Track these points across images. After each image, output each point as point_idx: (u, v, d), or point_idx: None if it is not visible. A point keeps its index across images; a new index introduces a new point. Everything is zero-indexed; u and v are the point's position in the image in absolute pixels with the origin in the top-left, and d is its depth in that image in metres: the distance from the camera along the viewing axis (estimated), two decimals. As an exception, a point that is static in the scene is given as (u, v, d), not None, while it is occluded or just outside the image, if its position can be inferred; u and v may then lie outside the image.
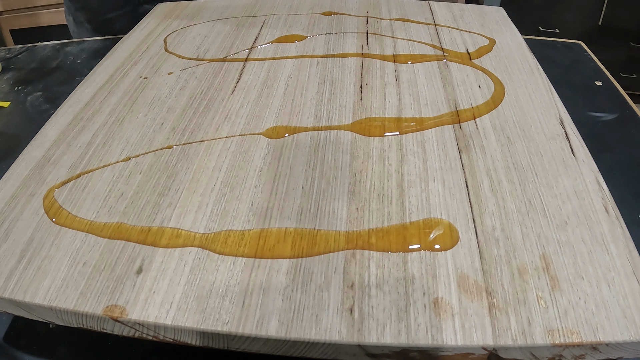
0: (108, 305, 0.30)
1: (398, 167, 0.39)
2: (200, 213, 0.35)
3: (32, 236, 0.34)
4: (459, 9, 0.65)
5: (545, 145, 0.41)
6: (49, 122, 0.45)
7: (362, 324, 0.28)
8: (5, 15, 1.44)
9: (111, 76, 0.51)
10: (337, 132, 0.43)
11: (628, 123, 0.57)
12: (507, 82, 0.49)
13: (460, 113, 0.45)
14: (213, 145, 0.41)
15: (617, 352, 0.28)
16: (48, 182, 0.38)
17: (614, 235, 0.33)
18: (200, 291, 0.30)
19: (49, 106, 0.61)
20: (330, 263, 0.32)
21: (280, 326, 0.28)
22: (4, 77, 0.67)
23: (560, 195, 0.36)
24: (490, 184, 0.37)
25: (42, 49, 0.74)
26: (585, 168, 0.39)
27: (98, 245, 0.33)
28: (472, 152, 0.40)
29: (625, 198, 0.47)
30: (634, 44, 1.64)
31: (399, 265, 0.32)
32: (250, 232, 0.34)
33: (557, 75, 0.65)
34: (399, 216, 0.35)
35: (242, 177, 0.38)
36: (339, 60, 0.53)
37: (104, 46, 0.74)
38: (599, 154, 0.42)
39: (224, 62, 0.53)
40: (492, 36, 0.58)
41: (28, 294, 0.30)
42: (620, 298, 0.29)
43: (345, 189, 0.37)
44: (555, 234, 0.33)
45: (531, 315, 0.29)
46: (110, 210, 0.36)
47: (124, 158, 0.40)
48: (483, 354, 0.28)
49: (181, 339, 0.30)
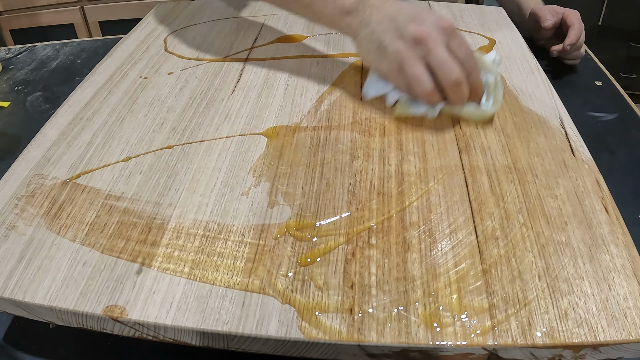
0: (108, 305, 0.30)
1: (398, 167, 0.39)
2: (200, 213, 0.35)
3: (32, 236, 0.34)
4: (459, 9, 0.65)
5: (545, 146, 0.41)
6: (49, 122, 0.45)
7: (362, 324, 0.28)
8: (5, 15, 1.44)
9: (111, 76, 0.51)
10: (337, 132, 0.43)
11: (628, 123, 0.57)
12: (507, 82, 0.49)
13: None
14: (213, 145, 0.41)
15: (617, 352, 0.28)
16: (48, 182, 0.38)
17: (614, 235, 0.33)
18: (200, 291, 0.30)
19: (49, 106, 0.61)
20: (330, 263, 0.32)
21: (280, 326, 0.28)
22: (4, 77, 0.67)
23: (560, 196, 0.36)
24: (490, 184, 0.37)
25: (42, 49, 0.74)
26: (585, 168, 0.39)
27: (98, 245, 0.33)
28: (472, 152, 0.40)
29: (625, 198, 0.47)
30: (634, 44, 1.64)
31: (399, 265, 0.32)
32: (250, 233, 0.34)
33: (557, 75, 0.66)
34: (399, 216, 0.35)
35: (242, 177, 0.38)
36: (339, 60, 0.53)
37: (104, 46, 0.74)
38: (599, 154, 0.42)
39: (224, 62, 0.53)
40: (492, 36, 0.58)
41: (28, 294, 0.30)
42: (621, 298, 0.29)
43: (345, 189, 0.37)
44: (556, 234, 0.33)
45: (531, 316, 0.29)
46: (111, 210, 0.36)
47: (124, 158, 0.40)
48: (483, 354, 0.28)
49: (181, 339, 0.30)
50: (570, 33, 0.63)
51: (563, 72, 0.67)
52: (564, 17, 0.64)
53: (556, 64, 0.68)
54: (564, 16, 0.64)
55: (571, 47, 0.62)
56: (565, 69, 0.67)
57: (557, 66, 0.68)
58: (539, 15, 0.65)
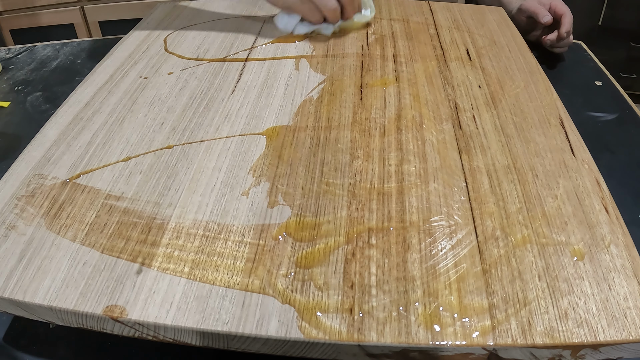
0: (108, 305, 0.30)
1: (398, 167, 0.39)
2: (200, 213, 0.35)
3: (32, 236, 0.34)
4: (458, 9, 0.65)
5: (545, 146, 0.41)
6: (49, 122, 0.45)
7: (362, 324, 0.28)
8: (5, 15, 1.44)
9: (111, 76, 0.51)
10: (337, 132, 0.43)
11: (628, 123, 0.57)
12: (507, 82, 0.49)
13: (460, 113, 0.45)
14: (213, 145, 0.41)
15: (617, 352, 0.28)
16: (48, 182, 0.38)
17: (614, 235, 0.33)
18: (200, 291, 0.30)
19: (49, 106, 0.61)
20: (330, 263, 0.32)
21: (280, 326, 0.28)
22: (4, 77, 0.67)
23: (560, 196, 0.36)
24: (490, 184, 0.37)
25: (42, 49, 0.74)
26: (585, 168, 0.39)
27: (98, 245, 0.33)
28: (472, 152, 0.40)
29: (625, 198, 0.47)
30: (634, 44, 1.64)
31: (399, 265, 0.32)
32: (250, 233, 0.34)
33: (557, 75, 0.66)
34: (399, 216, 0.35)
35: (242, 177, 0.38)
36: (339, 60, 0.53)
37: (104, 46, 0.74)
38: (599, 154, 0.42)
39: (224, 62, 0.53)
40: (492, 36, 0.58)
41: (28, 294, 0.30)
42: (621, 298, 0.29)
43: (345, 189, 0.37)
44: (556, 234, 0.33)
45: (531, 316, 0.29)
46: (111, 210, 0.36)
47: (124, 158, 0.40)
48: (483, 354, 0.28)
49: (181, 339, 0.30)
50: (563, 21, 0.64)
51: (563, 72, 0.67)
52: (552, 7, 0.66)
53: (556, 64, 0.68)
54: (552, 6, 0.66)
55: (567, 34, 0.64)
56: (565, 69, 0.67)
57: (557, 66, 0.68)
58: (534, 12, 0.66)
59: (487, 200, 0.36)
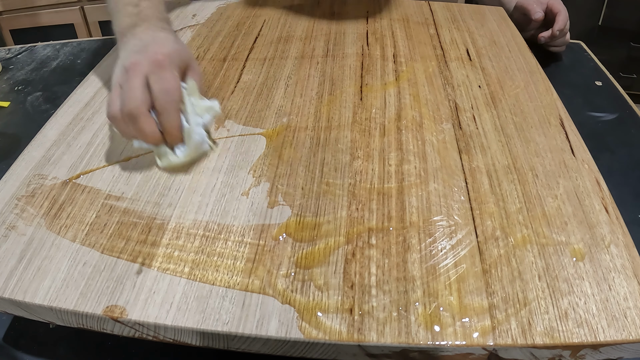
0: (108, 305, 0.30)
1: (398, 167, 0.39)
2: (200, 213, 0.35)
3: (32, 236, 0.34)
4: (458, 9, 0.65)
5: (545, 146, 0.41)
6: (49, 122, 0.45)
7: (362, 324, 0.28)
8: (5, 15, 1.44)
9: (111, 76, 0.51)
10: (337, 132, 0.42)
11: (628, 123, 0.57)
12: (507, 82, 0.49)
13: (460, 113, 0.45)
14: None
15: (617, 352, 0.28)
16: (48, 182, 0.38)
17: (614, 235, 0.33)
18: (201, 291, 0.30)
19: (49, 106, 0.61)
20: (330, 263, 0.32)
21: (281, 326, 0.28)
22: (4, 77, 0.67)
23: (560, 196, 0.36)
24: (490, 184, 0.37)
25: (42, 49, 0.74)
26: (585, 168, 0.39)
27: (98, 245, 0.33)
28: (472, 152, 0.40)
29: (625, 198, 0.47)
30: (634, 44, 1.64)
31: (399, 265, 0.32)
32: (250, 233, 0.34)
33: (557, 75, 0.66)
34: (399, 216, 0.35)
35: (242, 177, 0.38)
36: (339, 60, 0.53)
37: (104, 46, 0.74)
38: (599, 154, 0.42)
39: (224, 62, 0.53)
40: (492, 36, 0.58)
41: (28, 294, 0.30)
42: (621, 298, 0.29)
43: (345, 189, 0.37)
44: (556, 234, 0.33)
45: (531, 316, 0.29)
46: (111, 210, 0.36)
47: (124, 158, 0.40)
48: (483, 354, 0.28)
49: (181, 339, 0.30)
50: (558, 19, 0.65)
51: (563, 72, 0.67)
52: (549, 5, 0.67)
53: (556, 64, 0.68)
54: (548, 5, 0.67)
55: (560, 32, 0.64)
56: (565, 69, 0.67)
57: (557, 66, 0.68)
58: (528, 8, 0.66)
59: (487, 200, 0.36)
